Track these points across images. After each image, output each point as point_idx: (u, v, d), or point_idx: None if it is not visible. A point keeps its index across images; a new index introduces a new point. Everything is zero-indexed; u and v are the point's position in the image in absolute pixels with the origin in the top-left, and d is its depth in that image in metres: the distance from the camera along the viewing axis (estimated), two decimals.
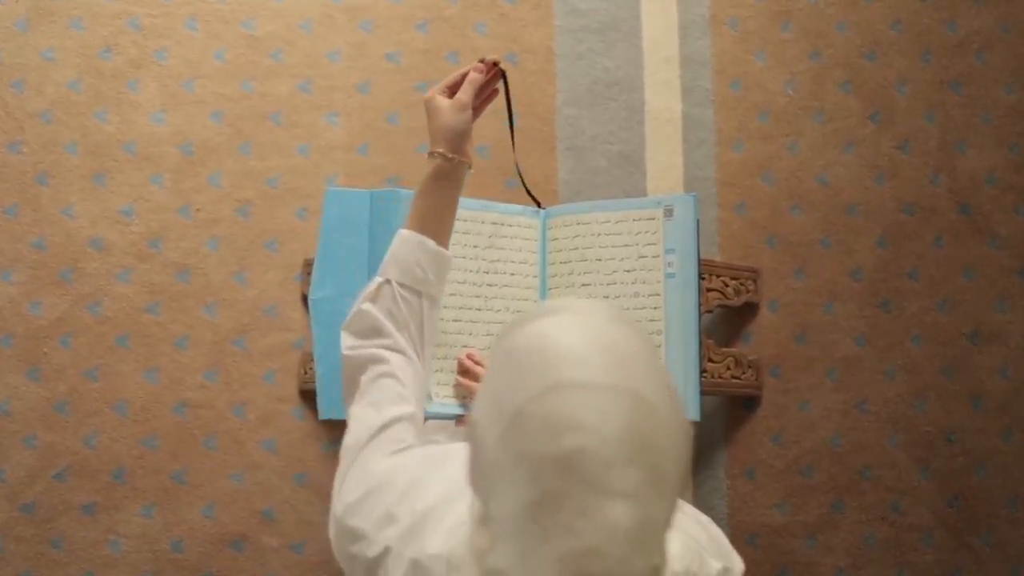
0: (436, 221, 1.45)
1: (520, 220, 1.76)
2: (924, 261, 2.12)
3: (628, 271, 1.66)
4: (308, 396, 2.04)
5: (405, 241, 1.44)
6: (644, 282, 1.64)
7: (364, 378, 1.37)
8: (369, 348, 1.39)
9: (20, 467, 2.04)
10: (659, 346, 1.61)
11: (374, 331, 1.39)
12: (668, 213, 1.65)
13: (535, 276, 1.76)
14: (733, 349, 2.04)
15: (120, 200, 2.11)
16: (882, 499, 2.07)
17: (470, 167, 1.49)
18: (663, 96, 2.17)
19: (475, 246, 1.73)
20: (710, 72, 2.17)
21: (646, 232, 1.66)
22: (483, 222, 1.74)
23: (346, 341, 1.42)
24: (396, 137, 2.15)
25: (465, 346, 1.70)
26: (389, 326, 1.39)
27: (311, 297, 1.72)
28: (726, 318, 2.10)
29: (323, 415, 1.68)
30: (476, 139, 2.10)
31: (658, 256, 1.64)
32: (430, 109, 1.49)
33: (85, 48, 2.14)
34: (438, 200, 1.46)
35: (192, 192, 2.12)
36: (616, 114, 2.16)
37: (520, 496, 0.92)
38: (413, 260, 1.42)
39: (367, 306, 1.41)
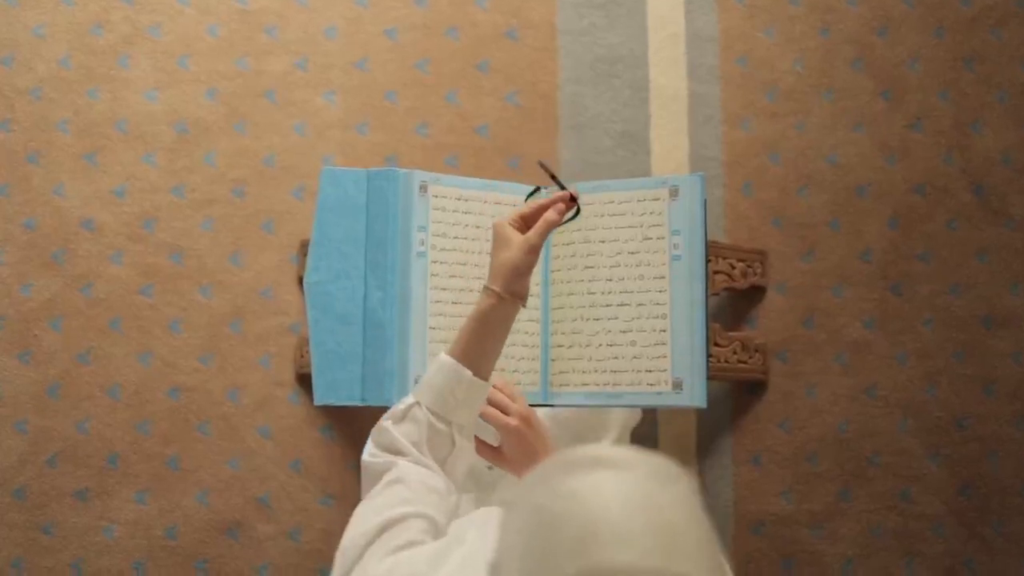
0: (479, 353, 1.38)
1: (521, 200, 1.71)
2: (936, 243, 2.08)
3: (632, 253, 1.61)
4: (304, 381, 2.01)
5: (442, 368, 1.37)
6: (649, 264, 1.59)
7: (377, 487, 1.33)
8: (387, 458, 1.35)
9: (11, 452, 2.02)
10: (664, 330, 1.56)
11: (393, 448, 1.36)
12: (674, 193, 1.60)
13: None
14: (739, 333, 2.01)
15: (112, 180, 2.08)
16: (891, 487, 2.04)
17: (524, 305, 1.41)
18: (668, 73, 2.13)
19: (477, 226, 1.68)
20: (717, 48, 2.13)
21: (651, 213, 1.61)
22: (485, 202, 1.69)
23: (368, 448, 1.39)
24: (394, 115, 2.11)
25: None
26: (408, 446, 1.35)
27: (306, 280, 1.67)
28: (732, 301, 2.06)
29: (319, 401, 1.64)
30: (477, 119, 2.09)
31: (663, 238, 1.59)
32: (498, 238, 1.41)
33: (76, 24, 2.10)
34: (484, 333, 1.39)
35: (185, 171, 2.08)
36: (620, 92, 2.12)
37: None
38: (447, 389, 1.36)
39: (388, 425, 1.37)
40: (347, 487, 2.03)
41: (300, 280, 1.98)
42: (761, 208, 2.09)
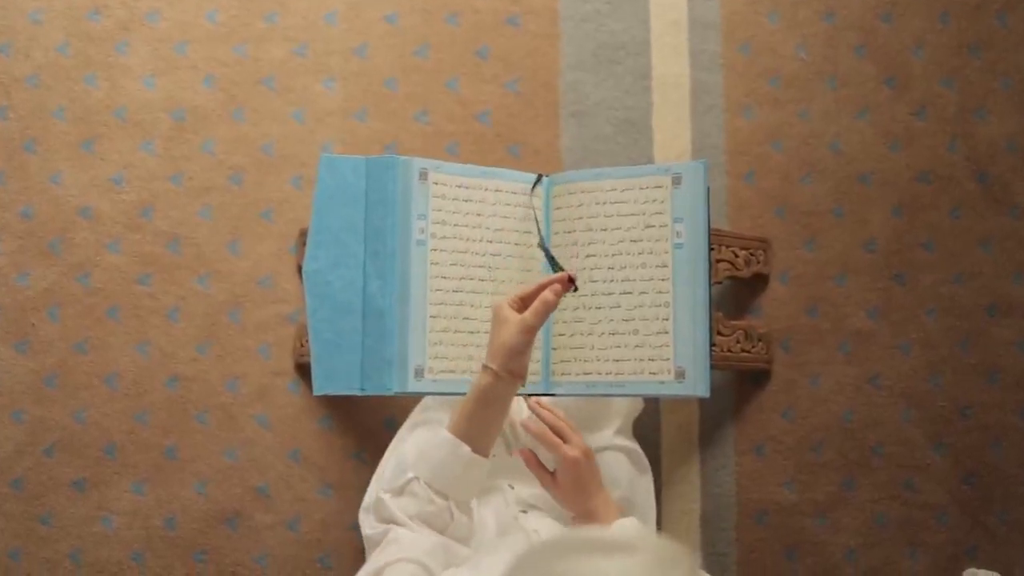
0: (478, 430, 1.42)
1: (523, 188, 1.69)
2: (940, 232, 2.06)
3: (634, 241, 1.59)
4: (303, 370, 2.00)
5: (442, 444, 1.40)
6: (651, 252, 1.57)
7: (375, 552, 1.36)
8: (386, 527, 1.38)
9: (8, 442, 2.00)
10: (667, 319, 1.55)
11: (391, 521, 1.38)
12: (676, 181, 1.58)
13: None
14: (742, 322, 1.99)
15: (110, 168, 2.06)
16: (895, 477, 2.02)
17: (523, 384, 1.44)
18: (671, 60, 2.10)
19: (478, 214, 1.66)
20: (719, 35, 2.11)
21: (653, 201, 1.59)
22: (486, 189, 1.67)
23: (369, 521, 1.42)
24: (394, 102, 2.09)
25: (467, 318, 1.64)
26: (406, 519, 1.37)
27: (305, 268, 1.66)
28: (735, 290, 2.05)
29: (318, 390, 1.62)
30: (477, 106, 2.07)
31: (666, 226, 1.57)
32: (497, 319, 1.43)
33: (73, 9, 2.08)
34: (482, 411, 1.42)
35: (184, 159, 2.06)
36: (622, 79, 2.10)
37: None
38: (446, 464, 1.39)
39: (387, 498, 1.40)
40: (346, 477, 2.01)
41: (299, 269, 1.97)
42: (764, 196, 2.07)
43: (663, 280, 1.56)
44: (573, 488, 1.48)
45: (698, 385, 1.53)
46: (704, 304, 1.54)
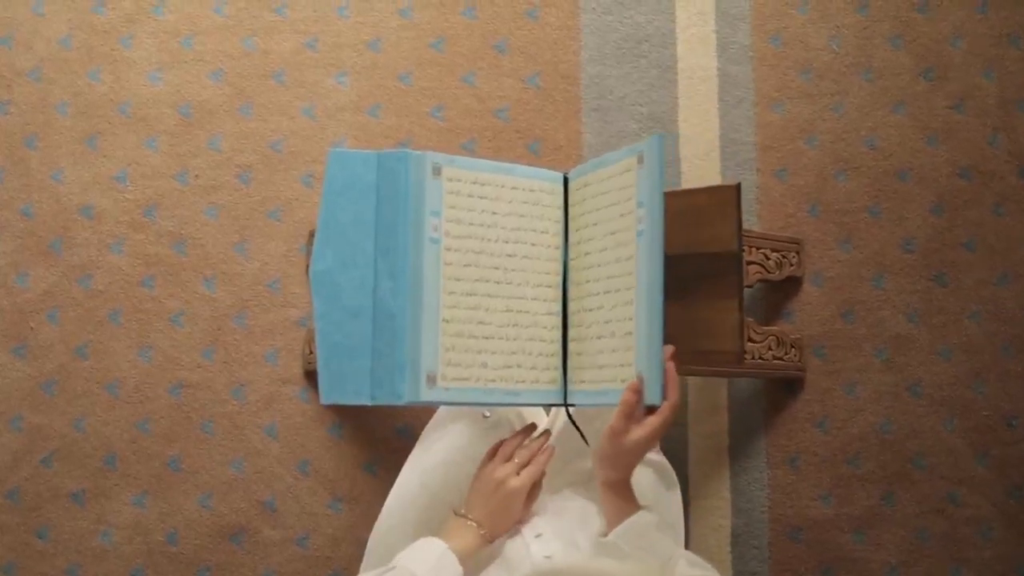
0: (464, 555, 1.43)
1: (542, 185, 1.62)
2: (982, 230, 1.99)
3: (612, 233, 1.47)
4: (313, 377, 1.96)
5: (440, 555, 1.40)
6: (623, 244, 1.46)
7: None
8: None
9: (4, 451, 1.97)
10: (631, 319, 1.42)
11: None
12: (640, 161, 1.49)
13: (558, 247, 1.63)
14: (774, 327, 1.93)
15: (113, 165, 2.03)
16: (937, 490, 1.96)
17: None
18: (697, 53, 2.05)
19: (494, 212, 1.59)
20: (748, 26, 2.06)
21: (625, 187, 1.49)
22: (502, 186, 1.60)
23: None
24: (408, 98, 2.04)
25: (482, 322, 1.56)
26: None
27: (312, 269, 1.59)
28: (766, 294, 1.99)
29: (325, 399, 1.54)
30: (495, 102, 2.00)
31: (631, 212, 1.47)
32: (507, 493, 1.44)
33: (77, 2, 2.06)
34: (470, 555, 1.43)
35: (189, 156, 2.03)
36: (646, 72, 2.05)
37: None
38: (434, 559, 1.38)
39: None
40: (357, 490, 1.96)
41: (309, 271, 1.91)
42: (797, 194, 2.00)
43: (628, 275, 1.45)
44: (633, 451, 1.40)
45: (651, 391, 1.39)
46: (657, 299, 1.40)
